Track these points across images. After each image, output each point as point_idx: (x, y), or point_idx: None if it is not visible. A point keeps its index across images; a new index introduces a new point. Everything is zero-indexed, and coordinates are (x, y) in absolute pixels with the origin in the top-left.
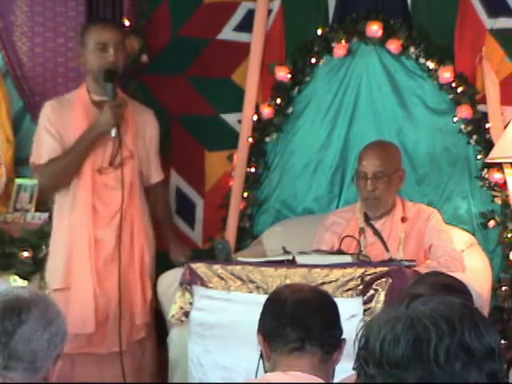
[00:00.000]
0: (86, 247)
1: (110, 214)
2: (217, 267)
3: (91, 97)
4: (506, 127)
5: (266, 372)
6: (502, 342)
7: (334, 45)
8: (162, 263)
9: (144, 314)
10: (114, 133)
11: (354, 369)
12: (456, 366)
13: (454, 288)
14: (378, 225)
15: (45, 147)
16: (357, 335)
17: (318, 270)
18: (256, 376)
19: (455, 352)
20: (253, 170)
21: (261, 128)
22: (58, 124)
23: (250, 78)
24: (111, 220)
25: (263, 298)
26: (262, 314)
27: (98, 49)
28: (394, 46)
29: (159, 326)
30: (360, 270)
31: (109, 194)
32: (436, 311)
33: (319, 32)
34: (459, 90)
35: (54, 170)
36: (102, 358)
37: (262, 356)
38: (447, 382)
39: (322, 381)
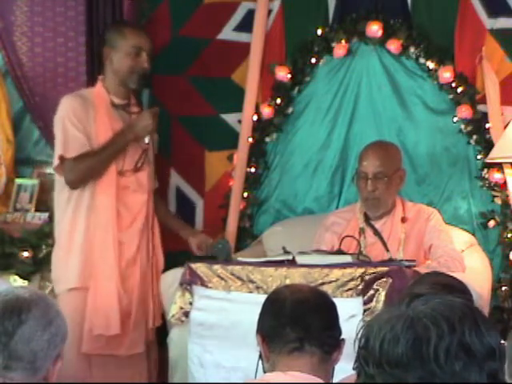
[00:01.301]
0: (111, 249)
1: (131, 216)
2: (217, 267)
3: (111, 98)
4: (506, 127)
5: (265, 373)
6: (502, 342)
7: (334, 45)
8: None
9: (158, 317)
10: (147, 139)
11: (354, 369)
12: (456, 365)
13: (454, 288)
14: (378, 225)
15: (73, 141)
16: (357, 335)
17: (317, 269)
18: (255, 377)
19: (455, 352)
20: (253, 170)
21: (261, 128)
22: (84, 119)
23: (250, 78)
24: (133, 222)
25: (263, 297)
26: (261, 315)
27: (133, 52)
28: (394, 45)
29: (159, 326)
30: (360, 270)
31: (130, 197)
32: (436, 311)
33: (319, 32)
34: (459, 90)
35: (83, 167)
36: (121, 360)
37: (261, 357)
38: (447, 382)
39: (321, 381)
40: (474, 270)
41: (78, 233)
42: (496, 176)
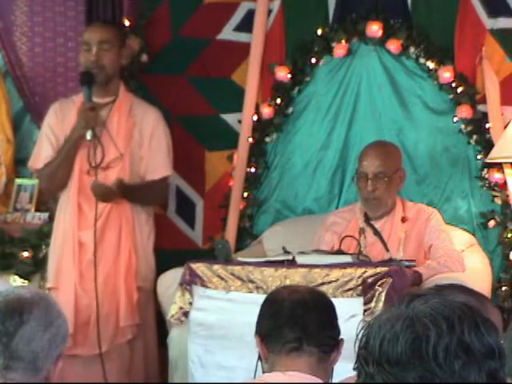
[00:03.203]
0: (71, 248)
1: (95, 215)
2: (217, 267)
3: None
4: (506, 127)
5: (264, 373)
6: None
7: (334, 45)
8: (162, 263)
9: (129, 316)
10: (89, 135)
11: (354, 369)
12: (455, 364)
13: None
14: (378, 225)
15: (43, 153)
16: (357, 335)
17: (317, 269)
18: (254, 378)
19: (455, 351)
20: (253, 169)
21: (261, 128)
22: (59, 129)
23: (250, 77)
24: (96, 221)
25: (263, 298)
26: (260, 317)
27: (83, 49)
28: (393, 46)
29: (159, 326)
30: (360, 270)
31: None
32: (436, 310)
33: (319, 32)
34: (459, 90)
35: (47, 174)
36: (86, 360)
37: (260, 358)
38: (447, 382)
39: (320, 381)
40: (474, 270)
41: (57, 233)
42: (496, 176)
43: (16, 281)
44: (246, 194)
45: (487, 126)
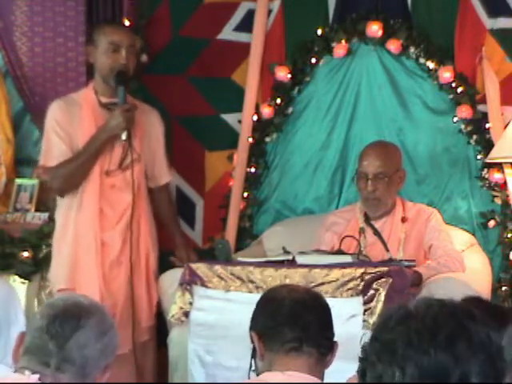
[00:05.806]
0: (93, 249)
1: (117, 215)
2: (217, 267)
3: (99, 98)
4: (506, 127)
5: (257, 371)
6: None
7: (334, 45)
8: (162, 263)
9: (150, 317)
10: (124, 136)
11: (357, 372)
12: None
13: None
14: (378, 225)
15: (55, 150)
16: (361, 338)
17: (317, 269)
18: (249, 374)
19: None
20: (253, 169)
21: (261, 128)
22: (67, 125)
23: (250, 77)
24: (118, 222)
25: None
26: (256, 313)
27: (110, 49)
28: (393, 45)
29: (159, 326)
30: (360, 270)
31: (116, 196)
32: (438, 312)
33: (319, 32)
34: (459, 90)
35: (64, 173)
36: None
37: (253, 355)
38: (446, 382)
39: (319, 381)
40: (474, 270)
41: (68, 233)
42: (496, 176)
43: (16, 281)
44: (246, 194)
45: (487, 126)
